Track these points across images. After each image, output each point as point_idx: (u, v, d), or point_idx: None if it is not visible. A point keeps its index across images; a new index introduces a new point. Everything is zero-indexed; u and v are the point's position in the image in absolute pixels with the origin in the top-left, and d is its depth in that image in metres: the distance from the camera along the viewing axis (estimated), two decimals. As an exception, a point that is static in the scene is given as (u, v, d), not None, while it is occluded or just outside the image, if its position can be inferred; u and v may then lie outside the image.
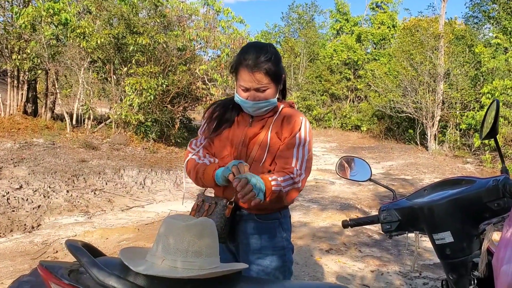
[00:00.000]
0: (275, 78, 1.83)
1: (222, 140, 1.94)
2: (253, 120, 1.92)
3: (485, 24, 19.83)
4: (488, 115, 1.50)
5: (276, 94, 1.88)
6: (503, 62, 13.66)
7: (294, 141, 1.84)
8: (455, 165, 12.88)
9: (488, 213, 1.40)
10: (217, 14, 13.96)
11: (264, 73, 1.78)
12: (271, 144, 1.86)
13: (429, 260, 4.50)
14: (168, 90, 11.87)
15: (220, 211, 1.86)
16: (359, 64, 24.26)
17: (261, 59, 1.77)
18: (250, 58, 1.78)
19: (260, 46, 1.85)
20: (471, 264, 1.42)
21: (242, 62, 1.80)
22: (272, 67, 1.79)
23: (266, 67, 1.77)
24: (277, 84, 1.87)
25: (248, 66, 1.78)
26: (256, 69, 1.77)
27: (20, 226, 5.31)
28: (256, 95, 1.82)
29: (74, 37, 10.43)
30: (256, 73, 1.77)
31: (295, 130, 1.85)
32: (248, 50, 1.82)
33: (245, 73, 1.79)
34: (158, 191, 7.76)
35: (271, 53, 1.80)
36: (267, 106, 1.87)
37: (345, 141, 19.74)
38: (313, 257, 4.54)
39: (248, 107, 1.87)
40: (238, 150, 1.89)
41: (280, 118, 1.89)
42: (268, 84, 1.81)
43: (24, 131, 10.29)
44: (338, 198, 7.77)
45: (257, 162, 1.86)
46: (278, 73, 1.84)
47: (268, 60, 1.78)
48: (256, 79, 1.78)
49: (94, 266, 1.23)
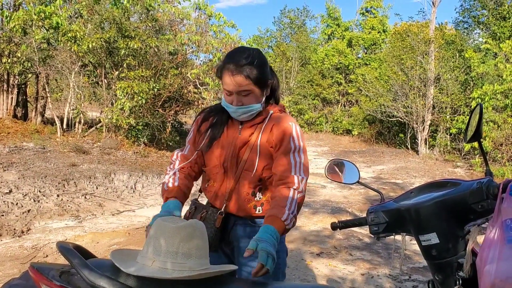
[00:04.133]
0: (258, 82, 1.80)
1: (212, 151, 1.93)
2: (242, 126, 1.90)
3: (475, 30, 20.08)
4: (472, 118, 1.53)
5: (260, 99, 1.86)
6: (493, 67, 13.80)
7: (289, 148, 1.82)
8: (445, 169, 12.98)
9: (473, 215, 1.43)
10: (208, 19, 13.99)
11: (245, 76, 1.76)
12: (262, 151, 1.85)
13: (419, 263, 4.54)
14: (160, 94, 11.85)
15: (211, 220, 1.87)
16: (350, 68, 24.40)
17: (243, 62, 1.76)
18: (232, 62, 1.78)
19: (244, 50, 1.85)
20: (456, 265, 1.45)
21: (225, 66, 1.80)
22: (254, 71, 1.77)
23: (247, 70, 1.76)
24: (261, 89, 1.84)
25: (229, 69, 1.78)
26: (236, 72, 1.76)
27: (10, 231, 5.27)
28: (239, 100, 1.81)
29: (65, 41, 10.40)
30: (237, 76, 1.76)
31: (286, 136, 1.84)
32: (231, 55, 1.83)
33: (227, 76, 1.79)
34: (149, 195, 7.74)
35: (253, 56, 1.79)
36: (250, 111, 1.85)
37: (337, 145, 19.81)
38: (304, 261, 4.56)
39: (232, 112, 1.86)
40: (228, 160, 1.88)
41: (270, 125, 1.88)
42: (250, 88, 1.79)
43: (14, 135, 10.23)
44: (329, 201, 7.80)
45: (248, 171, 1.86)
46: (262, 77, 1.82)
47: (250, 64, 1.77)
48: (237, 83, 1.77)
49: (85, 268, 1.24)
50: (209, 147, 1.93)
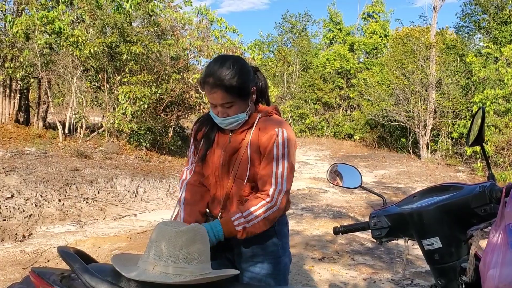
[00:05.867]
0: (239, 94, 1.77)
1: (206, 161, 1.93)
2: (232, 134, 1.88)
3: (476, 34, 20.08)
4: (475, 122, 1.53)
5: (245, 109, 1.82)
6: (494, 71, 13.80)
7: (271, 156, 1.79)
8: (447, 173, 12.96)
9: (476, 219, 1.42)
10: (210, 24, 14.03)
11: (224, 91, 1.73)
12: (252, 158, 1.83)
13: (421, 268, 4.52)
14: (162, 99, 11.87)
15: None
16: (351, 73, 24.40)
17: (221, 77, 1.72)
18: (211, 76, 1.74)
19: (222, 61, 1.78)
20: (459, 269, 1.44)
21: (205, 81, 1.77)
22: (234, 83, 1.73)
23: (226, 85, 1.72)
24: (244, 99, 1.81)
25: (209, 84, 1.75)
26: (215, 88, 1.73)
27: (11, 235, 5.27)
28: (224, 111, 1.79)
29: (67, 45, 10.44)
30: (217, 92, 1.74)
31: (270, 143, 1.79)
32: (209, 68, 1.78)
33: (207, 90, 1.77)
34: (150, 200, 7.74)
35: (232, 67, 1.75)
36: (236, 122, 1.82)
37: (338, 150, 19.80)
38: (306, 265, 4.55)
39: (219, 123, 1.85)
40: (219, 169, 1.88)
41: (256, 130, 1.84)
42: (232, 101, 1.76)
43: (16, 140, 10.25)
44: (331, 206, 7.78)
45: (239, 179, 1.85)
46: (243, 87, 1.77)
47: (228, 76, 1.73)
48: (219, 97, 1.75)
49: (86, 272, 1.23)
50: (203, 158, 1.93)
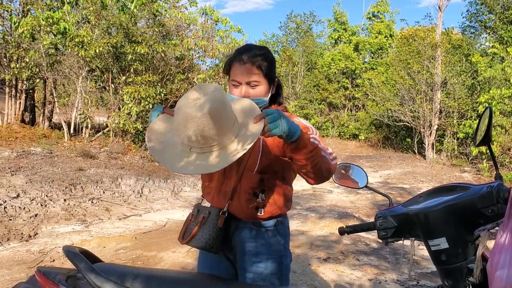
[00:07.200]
0: (267, 75, 1.81)
1: None
2: None
3: (482, 34, 20.01)
4: (482, 122, 1.52)
5: (267, 94, 1.85)
6: (500, 71, 13.74)
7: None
8: (452, 174, 12.90)
9: (483, 219, 1.41)
10: (215, 24, 14.07)
11: (256, 66, 1.77)
12: (264, 149, 1.80)
13: (427, 269, 4.50)
14: (167, 99, 11.90)
15: (213, 221, 1.83)
16: (356, 73, 24.37)
17: (255, 53, 1.79)
18: (244, 53, 1.80)
19: (254, 45, 1.88)
20: (466, 270, 1.43)
21: (236, 57, 1.81)
22: (265, 63, 1.79)
23: (259, 61, 1.78)
24: (269, 84, 1.84)
25: (241, 60, 1.79)
26: (248, 61, 1.77)
27: (17, 235, 5.29)
28: (247, 91, 1.79)
29: (72, 46, 10.48)
30: (248, 64, 1.77)
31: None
32: (243, 48, 1.86)
33: (237, 66, 1.79)
34: (155, 199, 7.74)
35: (265, 51, 1.83)
36: (258, 104, 1.75)
37: (343, 150, 19.77)
38: (310, 266, 4.54)
39: None
40: None
41: None
42: (259, 80, 1.79)
43: (22, 140, 10.29)
44: (336, 206, 7.77)
45: (249, 170, 1.82)
46: (271, 72, 1.83)
47: (262, 55, 1.79)
48: (248, 71, 1.77)
49: (92, 272, 1.23)
50: None
